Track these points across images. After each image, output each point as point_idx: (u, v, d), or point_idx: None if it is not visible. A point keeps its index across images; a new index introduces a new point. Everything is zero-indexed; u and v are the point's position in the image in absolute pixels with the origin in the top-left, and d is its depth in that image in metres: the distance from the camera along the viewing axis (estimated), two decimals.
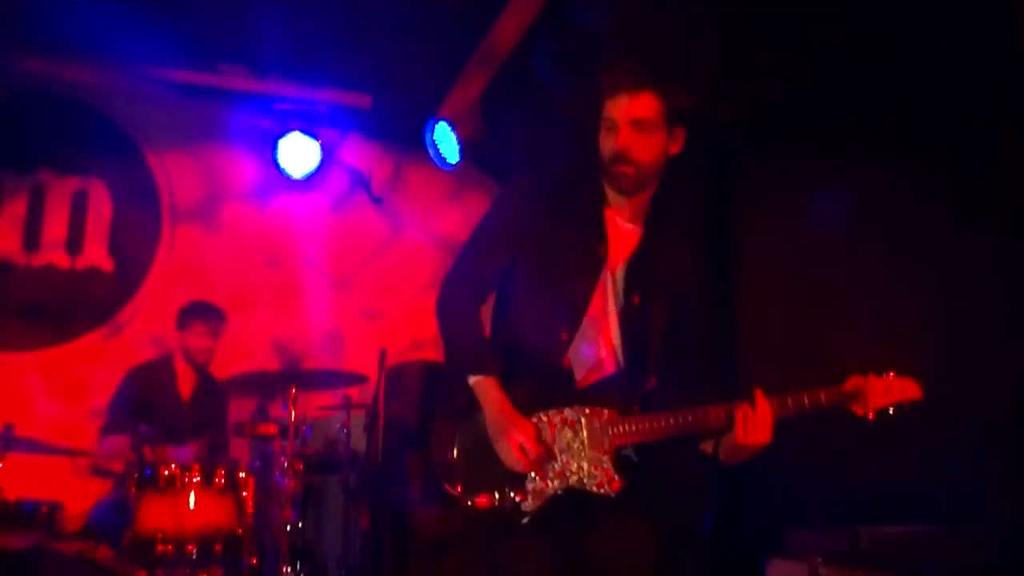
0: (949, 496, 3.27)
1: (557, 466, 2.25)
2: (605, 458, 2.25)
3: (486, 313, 2.43)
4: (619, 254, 2.41)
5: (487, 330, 2.43)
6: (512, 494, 2.23)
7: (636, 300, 2.38)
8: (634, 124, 2.31)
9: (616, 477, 2.24)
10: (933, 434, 3.42)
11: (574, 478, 2.24)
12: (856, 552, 2.95)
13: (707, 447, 2.36)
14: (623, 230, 2.43)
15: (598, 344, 2.36)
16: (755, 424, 2.21)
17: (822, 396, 2.24)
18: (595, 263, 2.37)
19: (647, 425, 2.25)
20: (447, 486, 2.27)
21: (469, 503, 2.25)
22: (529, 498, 2.23)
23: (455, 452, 2.29)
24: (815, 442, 4.02)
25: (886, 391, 2.24)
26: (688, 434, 2.27)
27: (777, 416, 2.22)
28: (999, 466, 3.16)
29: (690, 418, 2.24)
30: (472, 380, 2.29)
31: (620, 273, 2.40)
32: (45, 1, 4.51)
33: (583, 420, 2.28)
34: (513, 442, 2.20)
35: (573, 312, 2.34)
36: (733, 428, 2.22)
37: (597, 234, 2.39)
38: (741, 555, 3.72)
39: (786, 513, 3.97)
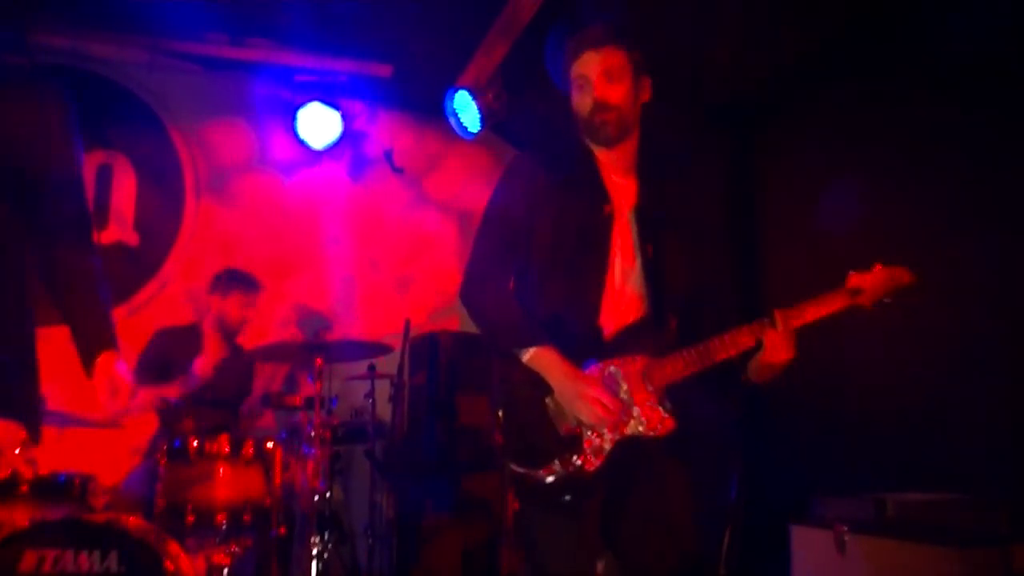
0: (975, 463, 3.26)
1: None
2: (651, 401, 2.33)
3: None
4: (624, 206, 2.50)
5: None
6: (574, 457, 2.29)
7: (650, 247, 2.46)
8: (605, 74, 2.43)
9: (667, 416, 2.32)
10: (959, 399, 3.41)
11: (628, 427, 2.31)
12: (882, 520, 2.95)
13: (742, 372, 2.42)
14: (620, 184, 2.52)
15: (625, 296, 2.44)
16: (778, 342, 2.29)
17: (830, 299, 2.35)
18: (605, 221, 2.45)
19: (680, 362, 2.33)
20: (512, 466, 2.32)
21: (538, 478, 2.29)
22: (591, 457, 2.29)
23: (504, 432, 2.35)
24: (839, 410, 4.01)
25: (877, 281, 2.35)
26: (720, 362, 2.33)
27: (795, 327, 2.31)
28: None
29: (717, 344, 2.32)
30: (527, 355, 2.35)
31: (631, 224, 2.48)
32: None
33: (619, 371, 2.36)
34: (592, 400, 2.27)
35: (594, 271, 2.42)
36: (758, 349, 2.30)
37: (599, 194, 2.48)
38: (766, 522, 3.72)
39: (811, 480, 3.97)
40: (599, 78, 2.43)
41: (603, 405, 2.27)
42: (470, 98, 4.94)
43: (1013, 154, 3.30)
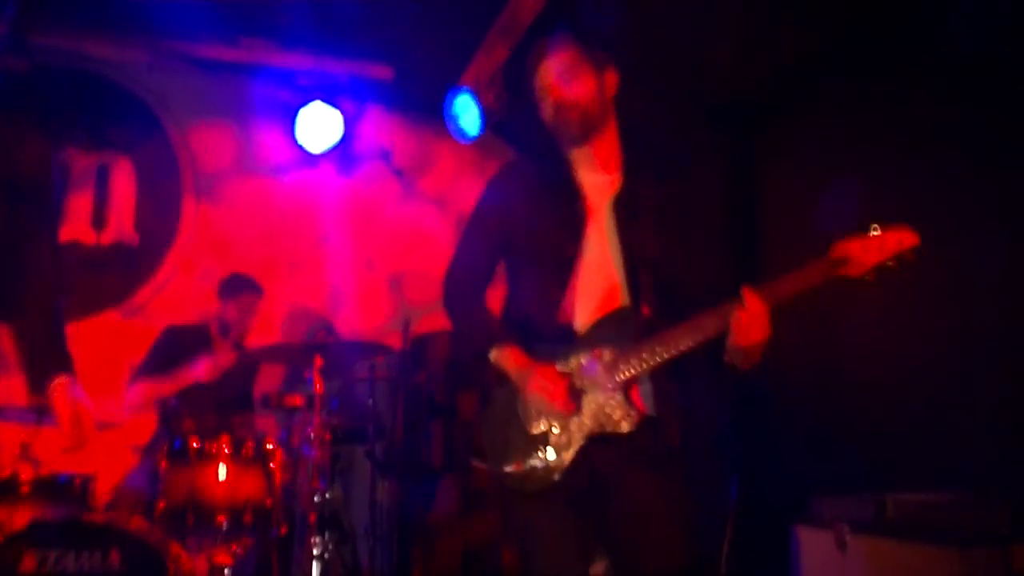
0: (976, 462, 3.26)
1: (575, 417, 2.29)
2: (617, 395, 2.28)
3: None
4: (600, 202, 2.47)
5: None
6: (542, 454, 2.28)
7: (628, 238, 2.43)
8: (560, 76, 2.43)
9: (632, 411, 2.26)
10: (960, 398, 3.41)
11: (593, 422, 2.28)
12: (883, 520, 2.95)
13: (727, 361, 2.29)
14: (596, 180, 2.50)
15: (601, 289, 2.41)
16: (749, 321, 2.15)
17: (811, 271, 2.19)
18: (577, 218, 2.44)
19: (647, 352, 2.25)
20: (483, 465, 2.36)
21: (509, 476, 2.31)
22: (559, 453, 2.28)
23: (481, 427, 2.40)
24: (839, 408, 4.02)
25: (880, 247, 2.18)
26: (691, 348, 2.24)
27: (771, 305, 2.16)
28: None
29: (682, 331, 2.24)
30: (493, 356, 2.38)
31: (607, 218, 2.46)
32: None
33: (588, 364, 2.31)
34: (538, 387, 2.27)
35: (561, 268, 2.40)
36: (730, 332, 2.19)
37: (571, 191, 2.47)
38: (765, 522, 3.73)
39: (810, 479, 3.97)
40: (556, 80, 2.44)
41: (548, 389, 2.25)
42: (471, 100, 4.94)
43: (1013, 154, 3.30)
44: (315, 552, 4.01)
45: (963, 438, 3.37)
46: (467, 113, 5.01)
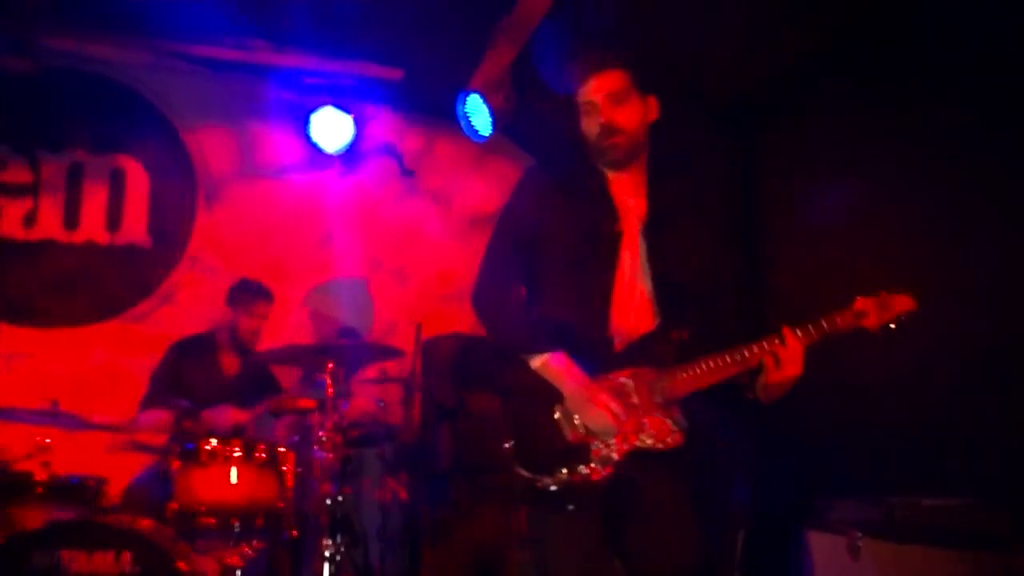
0: (983, 466, 3.26)
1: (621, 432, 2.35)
2: (661, 413, 2.36)
3: None
4: (634, 226, 2.53)
5: None
6: (581, 467, 2.32)
7: (660, 262, 2.50)
8: (611, 97, 2.48)
9: (676, 430, 2.36)
10: (967, 402, 3.40)
11: (637, 438, 2.34)
12: (891, 524, 2.95)
13: (748, 390, 2.45)
14: (630, 204, 2.55)
15: (633, 310, 2.47)
16: (786, 358, 2.31)
17: (837, 319, 2.37)
18: (615, 239, 2.50)
19: (690, 375, 2.36)
20: (519, 470, 2.36)
21: (544, 484, 2.34)
22: (598, 467, 2.32)
23: (513, 436, 2.39)
24: (845, 412, 4.01)
25: (883, 307, 2.38)
26: (729, 376, 2.37)
27: (804, 344, 2.34)
28: None
29: (728, 359, 2.35)
30: (538, 361, 2.40)
31: (640, 243, 2.52)
32: None
33: (629, 382, 2.39)
34: (603, 407, 2.32)
35: (600, 284, 2.46)
36: (767, 365, 2.33)
37: (610, 213, 2.52)
38: (773, 525, 3.73)
39: (817, 483, 3.96)
40: (605, 102, 2.48)
41: (614, 413, 2.31)
42: (481, 101, 4.95)
43: (1013, 155, 3.29)
44: (326, 554, 4.01)
45: (970, 442, 3.36)
46: (478, 113, 5.01)
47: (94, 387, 5.00)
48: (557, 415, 2.38)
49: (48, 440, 3.66)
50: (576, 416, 2.36)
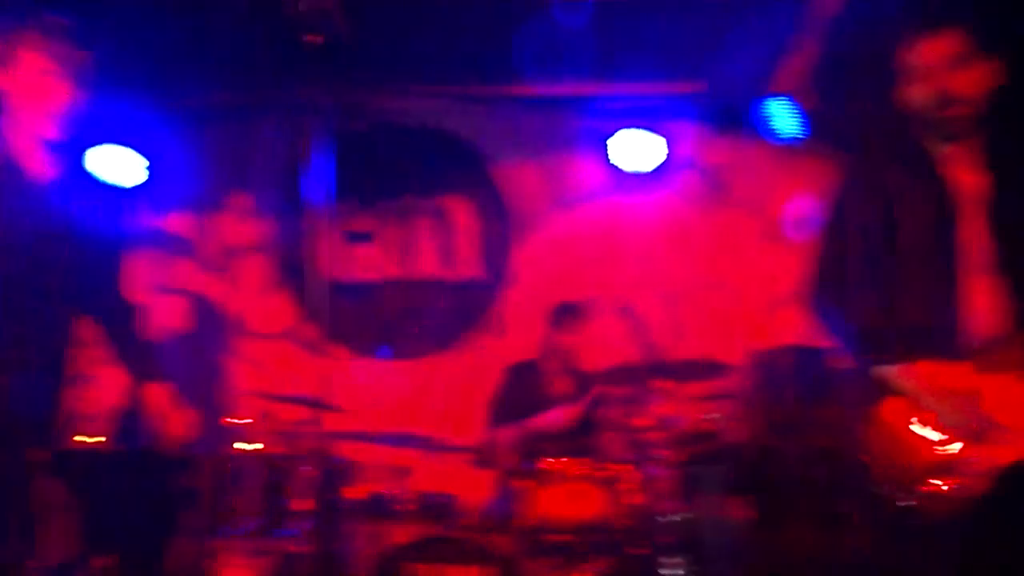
0: None
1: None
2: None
3: None
4: (976, 207, 2.26)
5: None
6: (942, 483, 2.09)
7: (1006, 250, 2.22)
8: (947, 61, 2.20)
9: None
10: None
11: (1010, 452, 2.07)
12: None
13: None
14: (971, 182, 2.27)
15: (986, 306, 2.22)
16: None
17: None
18: (953, 225, 2.25)
19: None
20: (881, 489, 2.19)
21: (903, 501, 2.14)
22: (962, 481, 2.09)
23: (873, 451, 2.22)
24: None
25: None
26: None
27: None
28: None
29: None
30: (895, 370, 2.21)
31: (984, 227, 2.24)
32: (392, 39, 5.09)
33: (997, 387, 2.12)
34: (965, 417, 2.11)
35: (943, 278, 2.23)
36: None
37: (944, 195, 2.27)
38: None
39: None
40: (940, 64, 2.21)
41: (977, 421, 2.08)
42: (785, 103, 4.85)
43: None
44: (672, 573, 3.94)
45: None
46: (783, 116, 4.91)
47: (443, 411, 5.36)
48: (916, 428, 2.15)
49: (407, 465, 3.92)
50: (935, 426, 2.13)
